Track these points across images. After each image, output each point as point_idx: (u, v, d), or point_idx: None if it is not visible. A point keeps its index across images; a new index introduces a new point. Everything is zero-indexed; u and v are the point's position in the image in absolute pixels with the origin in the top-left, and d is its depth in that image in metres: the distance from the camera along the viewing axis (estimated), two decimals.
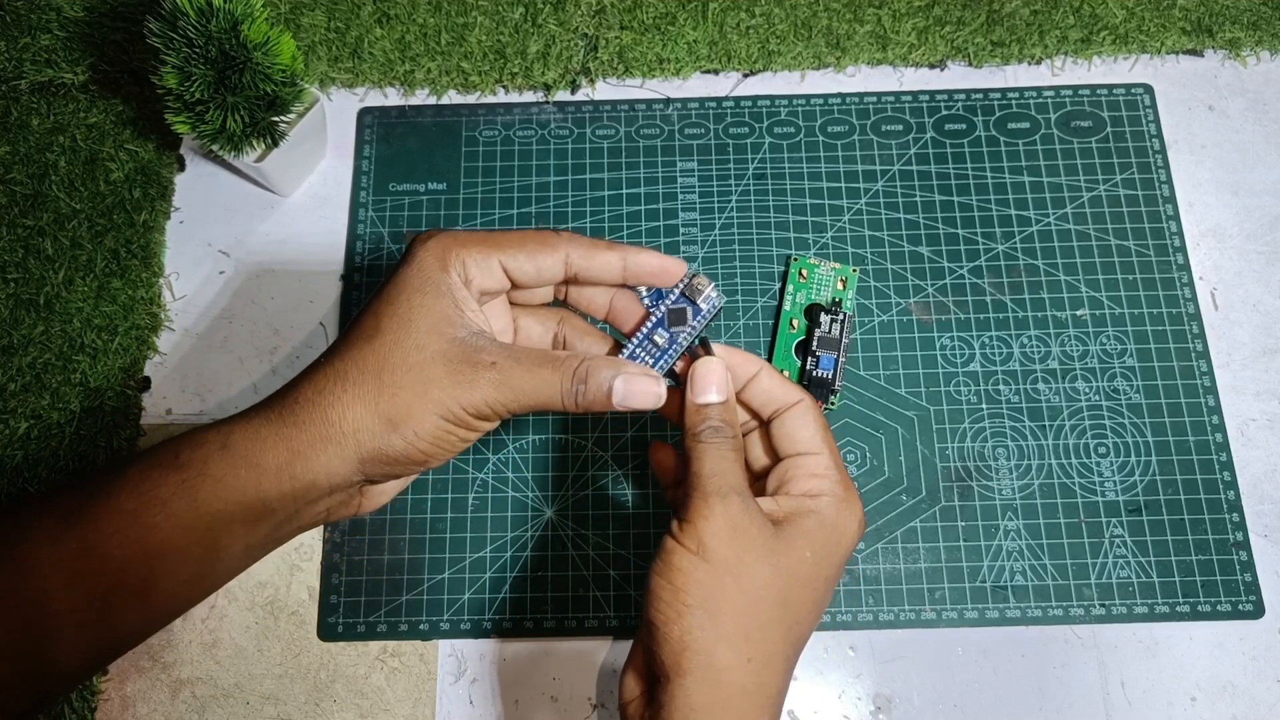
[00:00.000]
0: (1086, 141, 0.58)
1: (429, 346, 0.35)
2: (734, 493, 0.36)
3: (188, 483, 0.34)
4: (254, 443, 0.35)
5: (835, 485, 0.38)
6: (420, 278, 0.36)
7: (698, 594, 0.34)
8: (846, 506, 0.37)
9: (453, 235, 0.37)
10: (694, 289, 0.39)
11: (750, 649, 0.34)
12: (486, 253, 0.37)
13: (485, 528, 0.51)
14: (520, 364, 0.35)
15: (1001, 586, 0.50)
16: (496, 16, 0.60)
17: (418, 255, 0.37)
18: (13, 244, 0.55)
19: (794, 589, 0.35)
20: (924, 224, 0.56)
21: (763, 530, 0.35)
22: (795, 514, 0.37)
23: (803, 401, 0.39)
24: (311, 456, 0.35)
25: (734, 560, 0.35)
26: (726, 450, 0.37)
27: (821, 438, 0.39)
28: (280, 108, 0.51)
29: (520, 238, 0.38)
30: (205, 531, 0.35)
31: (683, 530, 0.35)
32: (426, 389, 0.35)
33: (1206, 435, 0.52)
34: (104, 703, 0.48)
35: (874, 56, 0.59)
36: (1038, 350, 0.54)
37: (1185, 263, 0.55)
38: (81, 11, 0.59)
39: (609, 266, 0.38)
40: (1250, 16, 0.59)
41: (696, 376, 0.39)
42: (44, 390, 0.52)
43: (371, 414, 0.35)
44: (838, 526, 0.37)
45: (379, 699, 0.48)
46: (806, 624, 0.37)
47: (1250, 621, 0.49)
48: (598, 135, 0.58)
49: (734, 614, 0.34)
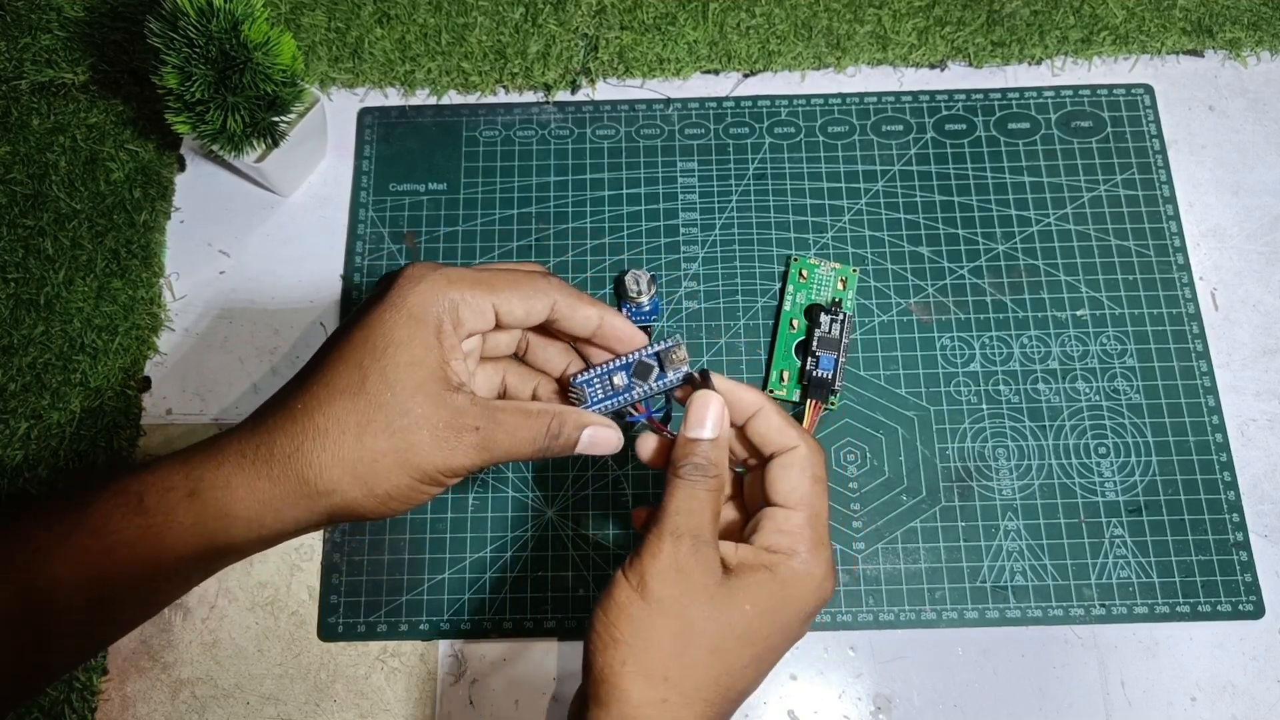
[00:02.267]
0: (1087, 142, 0.58)
1: (414, 411, 0.34)
2: (688, 534, 0.35)
3: (153, 529, 0.34)
4: (224, 493, 0.34)
5: (798, 544, 0.36)
6: (409, 327, 0.35)
7: (627, 629, 0.34)
8: (805, 570, 0.36)
9: (443, 274, 0.36)
10: (670, 357, 0.38)
11: (667, 690, 0.34)
12: (481, 295, 0.36)
13: (485, 528, 0.51)
14: (501, 426, 0.35)
15: (1001, 586, 0.50)
16: (497, 16, 0.60)
17: (407, 298, 0.35)
18: (13, 244, 0.55)
19: (728, 640, 0.35)
20: (924, 224, 0.56)
21: (708, 576, 0.35)
22: (747, 565, 0.36)
23: (796, 449, 0.37)
24: (283, 510, 0.34)
25: (670, 601, 0.34)
26: (699, 490, 0.36)
27: (802, 492, 0.37)
28: (280, 108, 0.51)
29: (513, 280, 0.37)
30: (171, 572, 0.35)
31: (630, 565, 0.35)
32: (407, 456, 0.34)
33: (1206, 435, 0.52)
34: (104, 703, 0.48)
35: (874, 57, 0.59)
36: (1038, 350, 0.54)
37: (1185, 263, 0.55)
38: (81, 11, 0.59)
39: (587, 320, 0.38)
40: (1250, 16, 0.59)
41: (692, 409, 0.37)
42: (44, 390, 0.52)
43: (349, 476, 0.34)
44: (789, 587, 0.35)
45: (379, 699, 0.48)
46: (741, 678, 0.35)
47: (1250, 621, 0.49)
48: (598, 135, 0.58)
49: (658, 654, 0.34)
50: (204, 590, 0.50)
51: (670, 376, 0.38)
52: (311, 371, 0.36)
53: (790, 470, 0.37)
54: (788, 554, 0.36)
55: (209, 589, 0.50)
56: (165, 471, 0.35)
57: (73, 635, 0.35)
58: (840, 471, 0.51)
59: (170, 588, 0.37)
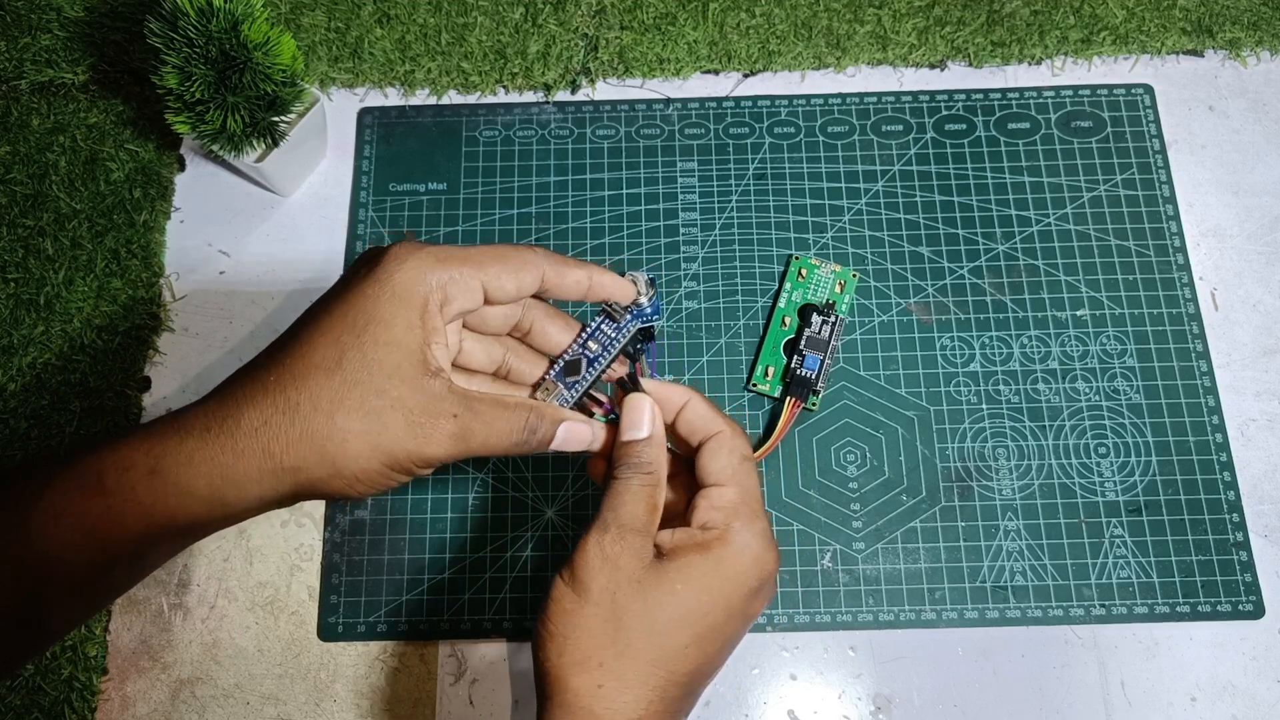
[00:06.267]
0: (1087, 142, 0.58)
1: (389, 393, 0.33)
2: (614, 525, 0.36)
3: (113, 509, 0.33)
4: (186, 468, 0.33)
5: (731, 519, 0.36)
6: (392, 305, 0.34)
7: (562, 623, 0.35)
8: (741, 542, 0.36)
9: (430, 252, 0.35)
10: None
11: (603, 675, 0.34)
12: (469, 272, 0.35)
13: (485, 528, 0.51)
14: (478, 417, 0.35)
15: (1001, 586, 0.50)
16: (496, 16, 0.60)
17: (393, 275, 0.34)
18: (13, 244, 0.55)
19: (661, 622, 0.35)
20: (924, 224, 0.56)
21: (635, 562, 0.35)
22: (681, 547, 0.36)
23: (722, 432, 0.38)
24: (246, 485, 0.33)
25: (599, 590, 0.35)
26: (632, 484, 0.37)
27: (733, 470, 0.37)
28: (280, 108, 0.51)
29: (499, 253, 0.36)
30: (128, 555, 0.34)
31: (566, 564, 0.36)
32: (379, 439, 0.33)
33: (1206, 435, 0.52)
34: (104, 703, 0.48)
35: (874, 57, 0.59)
36: (1038, 350, 0.54)
37: (1185, 263, 0.55)
38: (81, 11, 0.59)
39: (578, 283, 0.38)
40: (1250, 16, 0.59)
41: (626, 413, 0.38)
42: (44, 390, 0.52)
43: (316, 454, 0.33)
44: (724, 563, 0.36)
45: (379, 699, 0.48)
46: (684, 659, 0.35)
47: (1250, 621, 0.49)
48: (598, 135, 0.58)
49: (590, 642, 0.35)
50: (204, 590, 0.50)
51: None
52: (286, 343, 0.35)
53: (720, 452, 0.38)
54: (721, 529, 0.36)
55: (209, 589, 0.50)
56: (126, 449, 0.34)
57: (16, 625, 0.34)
58: (840, 471, 0.51)
59: (122, 573, 0.35)
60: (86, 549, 0.33)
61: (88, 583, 0.35)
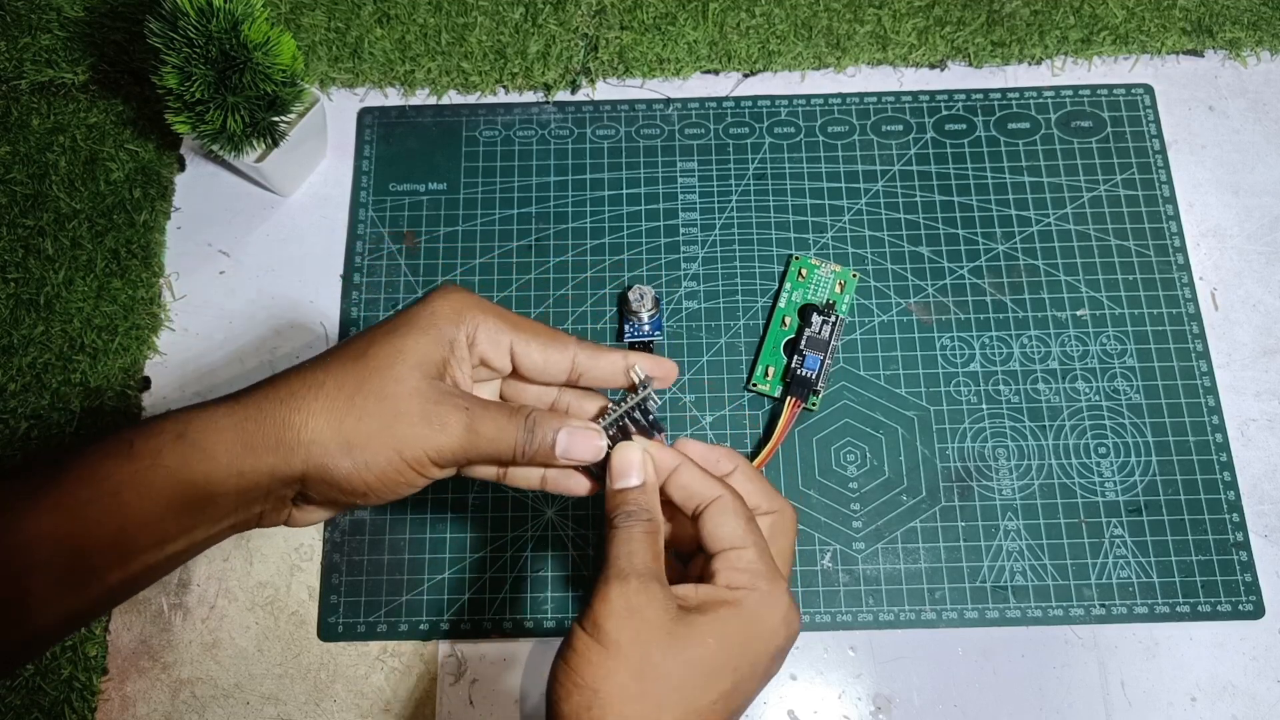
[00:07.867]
0: (1086, 141, 0.58)
1: (408, 380, 0.36)
2: (634, 575, 0.35)
3: (140, 474, 0.34)
4: (211, 433, 0.35)
5: (758, 579, 0.36)
6: (427, 320, 0.37)
7: (587, 674, 0.34)
8: (770, 601, 0.36)
9: (475, 298, 0.38)
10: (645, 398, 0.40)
11: None
12: (502, 327, 0.37)
13: (485, 528, 0.51)
14: (488, 411, 0.36)
15: (1001, 586, 0.50)
16: (496, 16, 0.60)
17: (433, 302, 0.37)
18: (13, 244, 0.55)
19: (693, 677, 0.35)
20: (924, 224, 0.56)
21: (662, 614, 0.35)
22: (710, 603, 0.36)
23: (722, 497, 0.38)
24: (262, 454, 0.35)
25: (627, 643, 0.34)
26: (637, 532, 0.37)
27: (744, 531, 0.37)
28: (280, 108, 0.51)
29: (536, 326, 0.38)
30: (153, 521, 0.35)
31: (584, 614, 0.36)
32: (394, 423, 0.35)
33: (1206, 435, 0.52)
34: (104, 703, 0.48)
35: (874, 57, 0.59)
36: (1038, 350, 0.54)
37: (1185, 263, 0.55)
38: (81, 11, 0.59)
39: (613, 366, 0.39)
40: (1250, 16, 0.59)
41: (615, 462, 0.38)
42: (44, 390, 0.52)
43: (332, 430, 0.35)
44: (756, 620, 0.36)
45: (379, 699, 0.48)
46: (709, 715, 0.35)
47: (1250, 621, 0.49)
48: (598, 135, 0.58)
49: (619, 695, 0.34)
50: (204, 590, 0.50)
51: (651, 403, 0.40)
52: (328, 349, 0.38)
53: (725, 517, 0.37)
54: (751, 589, 0.36)
55: (209, 589, 0.50)
56: (157, 419, 0.36)
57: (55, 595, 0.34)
58: (840, 471, 0.51)
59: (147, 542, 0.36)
60: (112, 518, 0.34)
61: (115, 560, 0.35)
